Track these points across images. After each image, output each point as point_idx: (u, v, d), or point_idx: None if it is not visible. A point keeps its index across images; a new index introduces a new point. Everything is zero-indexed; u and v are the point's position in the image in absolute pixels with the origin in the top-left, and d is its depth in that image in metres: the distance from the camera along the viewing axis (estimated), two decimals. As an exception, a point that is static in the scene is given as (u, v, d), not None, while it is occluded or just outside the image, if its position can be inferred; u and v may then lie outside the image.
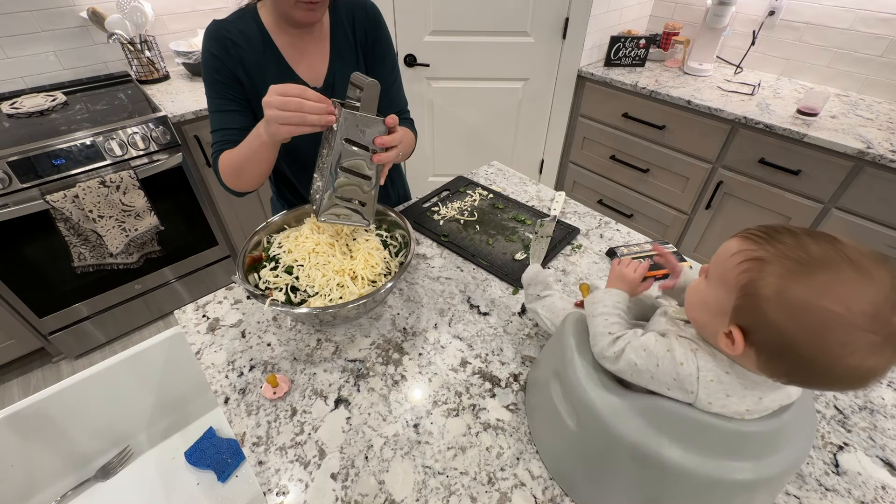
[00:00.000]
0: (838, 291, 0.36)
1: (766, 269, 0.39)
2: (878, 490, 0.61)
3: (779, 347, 0.39)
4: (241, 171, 0.85)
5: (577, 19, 1.88)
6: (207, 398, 1.24)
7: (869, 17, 1.67)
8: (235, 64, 0.86)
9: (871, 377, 0.37)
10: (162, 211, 1.64)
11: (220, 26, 0.86)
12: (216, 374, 0.76)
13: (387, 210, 0.92)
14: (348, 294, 0.76)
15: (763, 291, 0.39)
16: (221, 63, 0.86)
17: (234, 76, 0.87)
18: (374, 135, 0.71)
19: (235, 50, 0.86)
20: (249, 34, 0.86)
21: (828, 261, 0.37)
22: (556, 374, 0.59)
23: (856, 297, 0.35)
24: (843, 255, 0.37)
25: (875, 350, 0.36)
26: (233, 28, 0.86)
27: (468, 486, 0.60)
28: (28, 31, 1.68)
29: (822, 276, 0.37)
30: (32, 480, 1.06)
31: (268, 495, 0.60)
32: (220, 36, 0.85)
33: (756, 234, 0.42)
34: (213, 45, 0.85)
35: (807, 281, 0.37)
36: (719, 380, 0.45)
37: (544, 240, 0.92)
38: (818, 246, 0.38)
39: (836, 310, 0.35)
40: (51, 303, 1.63)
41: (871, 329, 0.35)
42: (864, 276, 0.36)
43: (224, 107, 0.89)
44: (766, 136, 1.58)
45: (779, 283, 0.38)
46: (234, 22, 0.87)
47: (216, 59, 0.85)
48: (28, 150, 1.36)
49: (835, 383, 0.40)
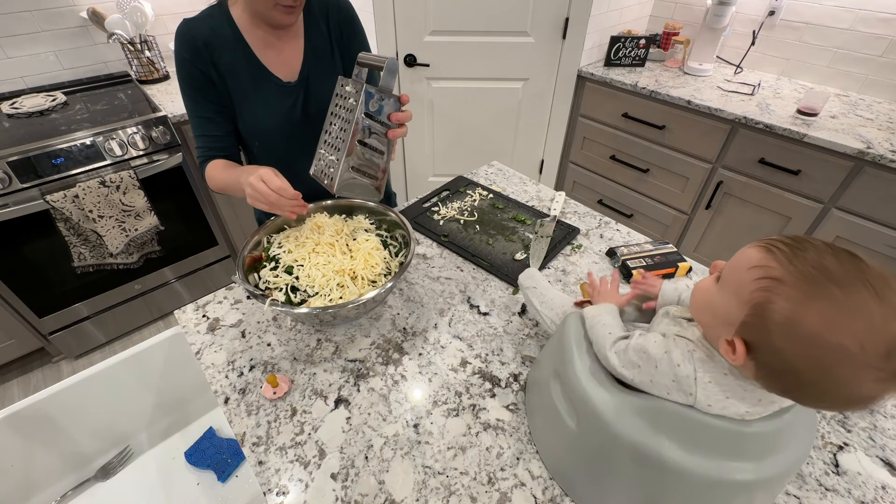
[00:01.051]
0: (856, 327, 0.34)
1: (782, 291, 0.37)
2: (878, 490, 0.61)
3: (781, 371, 0.39)
4: (226, 191, 0.91)
5: (577, 19, 1.88)
6: (207, 398, 1.24)
7: (869, 17, 1.67)
8: (207, 66, 0.86)
9: (868, 404, 0.37)
10: (162, 211, 1.65)
11: (191, 26, 0.85)
12: (216, 374, 0.76)
13: (387, 210, 0.92)
14: (348, 294, 0.76)
15: (775, 316, 0.37)
16: (194, 67, 0.85)
17: (208, 79, 0.87)
18: (390, 111, 0.75)
19: (207, 51, 0.85)
20: (220, 32, 0.85)
21: (849, 287, 0.34)
22: (556, 374, 0.59)
23: (873, 335, 0.33)
24: (867, 283, 0.34)
25: (878, 382, 0.35)
26: (203, 27, 0.85)
27: (468, 486, 0.60)
28: (28, 31, 1.68)
29: (840, 306, 0.34)
30: (32, 480, 1.06)
31: (268, 495, 0.60)
32: (191, 37, 0.84)
33: (779, 247, 0.39)
34: (184, 49, 0.84)
35: (824, 310, 0.35)
36: (717, 382, 0.45)
37: (544, 240, 0.92)
38: (842, 268, 0.35)
39: (849, 347, 0.34)
40: (51, 303, 1.63)
41: (880, 368, 0.34)
42: (886, 309, 0.33)
43: (202, 113, 0.90)
44: (766, 136, 1.58)
45: (793, 309, 0.36)
46: (204, 20, 0.85)
47: (189, 63, 0.85)
48: (28, 150, 1.36)
49: (829, 406, 0.41)
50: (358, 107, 0.71)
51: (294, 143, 0.94)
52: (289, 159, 0.95)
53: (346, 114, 0.73)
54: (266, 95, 0.90)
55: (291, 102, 0.92)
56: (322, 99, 0.92)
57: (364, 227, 0.90)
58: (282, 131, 0.88)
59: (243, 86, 0.88)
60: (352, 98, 0.72)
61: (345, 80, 0.76)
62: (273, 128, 0.93)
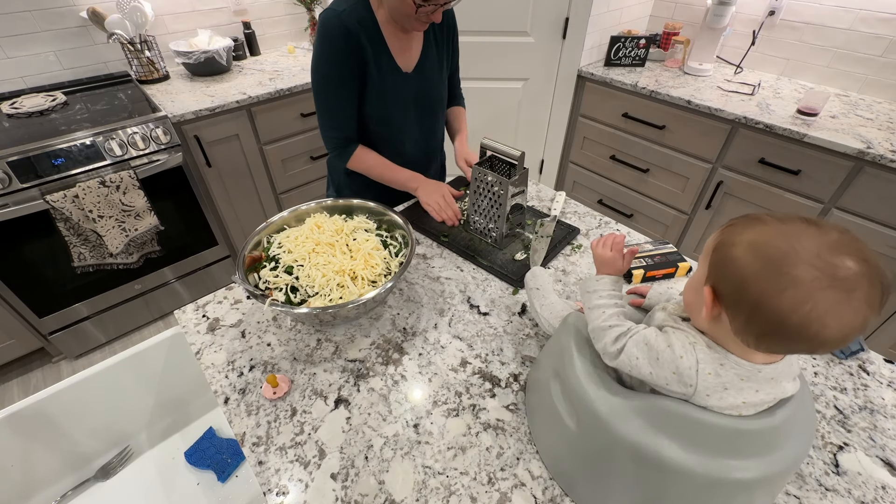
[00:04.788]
0: (787, 233, 0.41)
1: (734, 229, 0.45)
2: (878, 490, 0.61)
3: (736, 288, 0.42)
4: (370, 174, 1.11)
5: (577, 19, 1.88)
6: (207, 398, 1.24)
7: (869, 17, 1.67)
8: (357, 54, 0.94)
9: (822, 325, 0.38)
10: (162, 211, 1.64)
11: (343, 18, 0.90)
12: (216, 374, 0.76)
13: (387, 210, 0.92)
14: (348, 294, 0.76)
15: (727, 241, 0.44)
16: (346, 55, 0.93)
17: (356, 65, 0.95)
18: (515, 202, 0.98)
19: (357, 41, 0.92)
20: (366, 24, 0.93)
21: (784, 218, 0.43)
22: (556, 374, 0.59)
23: (801, 240, 0.40)
24: (798, 216, 0.43)
25: (818, 287, 0.38)
26: (352, 19, 0.91)
27: (468, 486, 0.60)
28: (28, 31, 1.68)
29: (775, 227, 0.42)
30: (32, 480, 1.06)
31: (268, 495, 0.60)
32: (345, 28, 0.90)
33: (732, 220, 0.47)
34: (339, 37, 0.91)
35: (762, 229, 0.43)
36: (717, 373, 0.46)
37: (544, 240, 0.92)
38: (783, 214, 0.44)
39: (782, 246, 0.40)
40: (51, 303, 1.63)
41: (811, 263, 0.38)
42: (811, 227, 0.41)
43: (342, 98, 0.99)
44: (766, 136, 1.58)
45: (742, 233, 0.44)
46: (351, 13, 0.91)
47: (342, 51, 0.92)
48: (28, 150, 1.36)
49: (791, 330, 0.40)
50: (506, 197, 0.93)
51: (403, 124, 1.10)
52: (399, 136, 1.12)
53: (489, 195, 0.97)
54: (390, 83, 1.01)
55: (408, 90, 1.05)
56: (427, 88, 1.08)
57: (364, 227, 0.90)
58: (397, 114, 1.06)
59: (374, 74, 0.98)
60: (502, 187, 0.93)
61: (477, 167, 0.97)
62: (391, 111, 1.06)
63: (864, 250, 0.39)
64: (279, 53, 2.23)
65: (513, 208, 0.97)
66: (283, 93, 1.79)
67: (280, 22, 2.28)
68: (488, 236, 1.03)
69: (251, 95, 1.72)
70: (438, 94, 1.13)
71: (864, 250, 0.39)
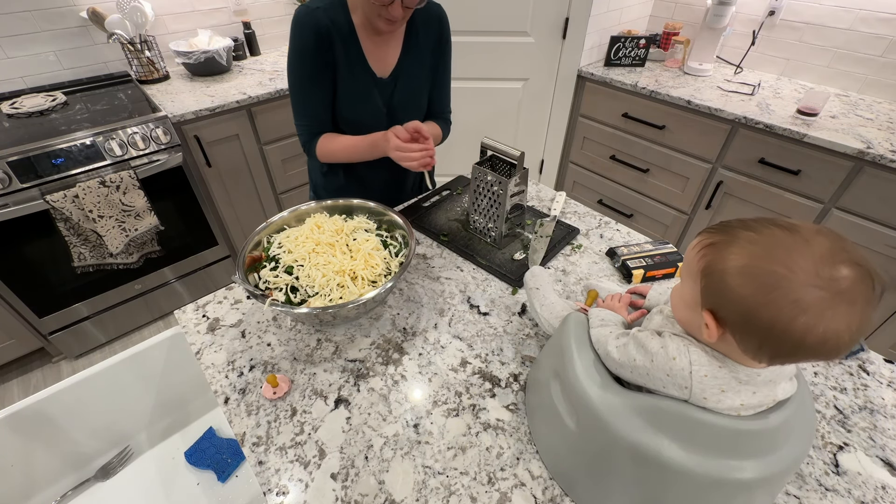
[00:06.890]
0: (774, 252, 0.40)
1: (714, 249, 0.44)
2: (878, 490, 0.61)
3: (742, 318, 0.41)
4: (338, 158, 1.05)
5: (577, 19, 1.88)
6: (207, 398, 1.24)
7: (869, 17, 1.67)
8: (326, 53, 0.93)
9: (838, 339, 0.38)
10: (162, 211, 1.64)
11: (315, 15, 0.90)
12: (216, 374, 0.76)
13: (386, 210, 0.92)
14: (348, 294, 0.76)
15: (717, 267, 0.43)
16: (316, 53, 0.92)
17: (325, 64, 0.95)
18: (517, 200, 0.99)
19: (328, 40, 0.92)
20: (340, 26, 0.93)
21: (757, 228, 0.43)
22: (556, 374, 0.59)
23: (793, 257, 0.39)
24: (779, 226, 0.42)
25: (827, 307, 0.37)
26: (325, 17, 0.91)
27: (468, 486, 0.60)
28: (28, 31, 1.68)
29: (757, 242, 0.41)
30: (32, 480, 1.06)
31: (268, 495, 0.60)
32: (315, 24, 0.90)
33: (709, 228, 0.47)
34: (309, 34, 0.91)
35: (745, 248, 0.42)
36: (713, 375, 0.46)
37: (544, 240, 0.92)
38: (759, 224, 0.43)
39: (778, 270, 0.39)
40: (51, 303, 1.63)
41: (814, 284, 0.38)
42: (794, 237, 0.40)
43: (312, 96, 0.98)
44: (766, 136, 1.58)
45: (724, 256, 0.43)
46: (326, 11, 0.92)
47: (312, 48, 0.92)
48: (28, 150, 1.36)
49: (807, 350, 0.40)
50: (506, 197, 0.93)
51: (376, 129, 1.04)
52: None
53: (488, 195, 0.97)
54: (363, 87, 1.00)
55: (381, 95, 1.03)
56: (403, 96, 1.05)
57: (364, 227, 0.90)
58: (370, 120, 1.03)
59: (347, 76, 0.97)
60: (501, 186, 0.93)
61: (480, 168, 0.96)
62: (363, 116, 1.04)
63: (853, 251, 0.39)
64: (279, 53, 2.24)
65: (512, 208, 0.98)
66: (283, 93, 1.79)
67: (280, 22, 2.28)
68: (488, 236, 1.03)
69: (251, 95, 1.72)
70: (417, 102, 1.09)
71: (852, 252, 0.39)
